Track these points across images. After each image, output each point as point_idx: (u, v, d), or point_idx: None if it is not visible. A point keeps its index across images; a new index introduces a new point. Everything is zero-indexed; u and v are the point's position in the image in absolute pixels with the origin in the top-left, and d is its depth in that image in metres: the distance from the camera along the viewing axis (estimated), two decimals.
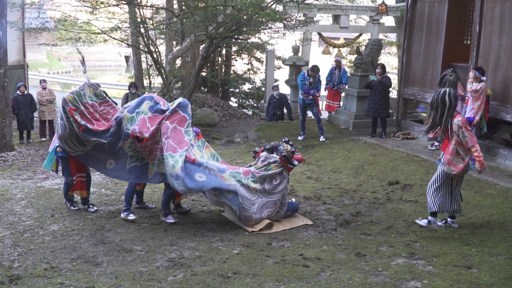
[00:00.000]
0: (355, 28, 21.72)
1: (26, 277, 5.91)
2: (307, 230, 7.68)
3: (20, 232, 7.38)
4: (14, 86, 15.67)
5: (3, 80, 12.68)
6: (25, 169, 11.44)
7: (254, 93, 23.66)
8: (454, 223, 7.65)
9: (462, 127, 6.89)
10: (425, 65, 13.09)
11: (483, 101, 10.21)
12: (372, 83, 12.94)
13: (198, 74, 16.65)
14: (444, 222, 7.69)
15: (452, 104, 6.91)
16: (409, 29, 13.61)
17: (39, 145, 14.04)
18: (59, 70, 42.77)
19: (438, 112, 7.00)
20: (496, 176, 9.55)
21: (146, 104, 7.88)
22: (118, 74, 42.98)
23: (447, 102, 6.92)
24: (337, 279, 6.01)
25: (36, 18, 27.74)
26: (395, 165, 10.65)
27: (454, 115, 6.98)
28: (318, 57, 23.04)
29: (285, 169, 7.97)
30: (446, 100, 6.92)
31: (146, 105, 7.87)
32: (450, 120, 6.97)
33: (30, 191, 9.55)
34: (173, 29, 18.71)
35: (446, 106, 6.93)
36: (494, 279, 5.98)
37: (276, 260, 6.54)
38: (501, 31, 10.65)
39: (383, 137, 13.03)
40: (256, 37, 23.28)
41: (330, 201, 9.07)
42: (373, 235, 7.52)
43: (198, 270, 6.21)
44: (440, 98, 6.95)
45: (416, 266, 6.41)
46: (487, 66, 10.88)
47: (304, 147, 13.19)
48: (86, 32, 17.93)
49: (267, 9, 14.38)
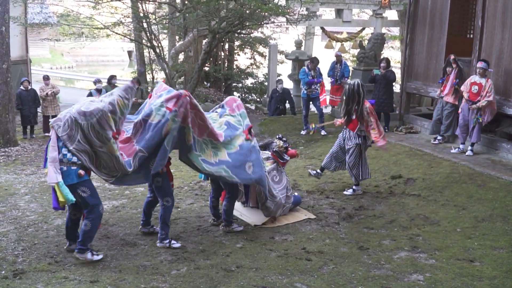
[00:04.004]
0: (358, 22, 21.66)
1: (30, 271, 5.94)
2: (310, 224, 7.70)
3: (24, 227, 7.42)
4: (17, 81, 15.70)
5: (6, 75, 12.70)
6: (28, 164, 11.48)
7: (257, 88, 23.64)
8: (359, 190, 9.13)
9: (369, 113, 8.76)
10: (428, 59, 13.07)
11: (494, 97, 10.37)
12: (376, 77, 12.93)
13: (200, 68, 16.67)
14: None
15: (364, 94, 8.73)
16: (412, 23, 13.58)
17: (42, 140, 14.07)
18: (62, 65, 42.78)
19: (354, 101, 8.68)
20: (498, 169, 9.55)
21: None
22: (121, 69, 42.95)
23: (361, 93, 8.67)
24: (339, 272, 6.03)
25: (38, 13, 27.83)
26: (398, 159, 10.66)
27: (364, 102, 8.76)
28: (321, 52, 22.98)
29: (278, 164, 7.99)
30: (360, 91, 8.65)
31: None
32: (362, 106, 8.70)
33: (34, 186, 9.59)
34: (175, 24, 18.73)
35: (361, 96, 8.67)
36: (496, 272, 6.00)
37: (279, 254, 6.56)
38: (504, 25, 10.62)
39: (386, 131, 13.01)
40: (258, 32, 23.25)
41: (333, 195, 9.08)
42: (376, 228, 7.54)
43: (201, 263, 6.24)
44: (356, 90, 8.64)
45: (419, 259, 6.43)
46: (490, 60, 10.85)
47: (306, 142, 13.21)
48: (89, 27, 17.94)
49: (269, 3, 14.39)
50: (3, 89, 12.67)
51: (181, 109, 6.49)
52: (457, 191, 8.81)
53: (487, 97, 10.22)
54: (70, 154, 6.03)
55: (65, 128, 6.01)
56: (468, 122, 10.62)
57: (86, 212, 6.26)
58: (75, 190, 6.07)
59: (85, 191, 6.16)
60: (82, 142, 6.02)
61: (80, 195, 6.12)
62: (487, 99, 10.22)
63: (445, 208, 8.22)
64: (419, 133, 12.97)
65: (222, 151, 6.98)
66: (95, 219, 6.27)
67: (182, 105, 6.50)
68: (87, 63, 47.15)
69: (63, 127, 6.03)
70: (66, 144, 6.01)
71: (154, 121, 6.43)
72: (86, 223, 6.23)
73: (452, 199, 8.55)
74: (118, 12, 18.84)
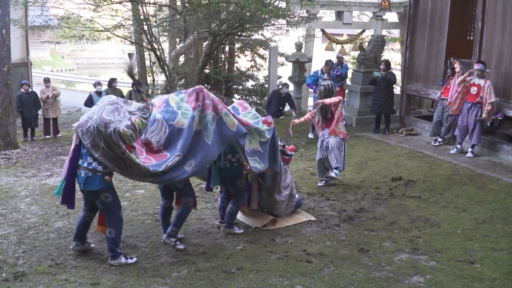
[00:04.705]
0: (358, 25, 21.69)
1: (31, 273, 5.95)
2: (311, 226, 7.70)
3: (24, 229, 7.42)
4: (17, 84, 15.71)
5: (6, 78, 12.70)
6: (29, 166, 11.48)
7: (257, 90, 23.61)
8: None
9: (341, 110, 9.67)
10: (428, 61, 13.08)
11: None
12: (377, 79, 12.94)
13: (201, 71, 16.69)
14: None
15: (336, 92, 9.81)
16: (412, 25, 13.60)
17: (43, 142, 14.07)
18: (63, 68, 42.84)
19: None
20: (499, 171, 9.55)
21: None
22: (122, 71, 42.96)
23: (335, 92, 9.63)
24: (340, 274, 6.04)
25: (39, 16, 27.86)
26: (398, 161, 10.66)
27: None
28: (321, 54, 22.99)
29: (283, 161, 8.00)
30: (334, 90, 9.59)
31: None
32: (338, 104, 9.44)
33: (35, 189, 9.59)
34: (176, 26, 18.74)
35: (334, 94, 9.58)
36: (497, 274, 6.00)
37: (280, 256, 6.56)
38: (504, 27, 10.64)
39: (386, 133, 13.04)
40: (259, 34, 23.24)
41: (334, 197, 9.09)
42: (376, 230, 7.54)
43: (202, 266, 6.24)
44: (331, 89, 9.53)
45: (419, 261, 6.43)
46: (490, 62, 10.88)
47: (307, 144, 13.21)
48: (90, 29, 17.94)
49: (270, 6, 14.41)
50: (3, 92, 12.67)
51: (205, 101, 6.48)
52: (458, 193, 8.81)
53: (489, 98, 10.23)
54: (96, 162, 5.92)
55: (89, 135, 5.88)
56: (468, 124, 10.63)
57: (107, 220, 6.20)
58: (98, 195, 6.02)
59: (108, 196, 6.09)
60: (106, 149, 5.87)
61: (102, 201, 6.07)
62: (490, 101, 10.23)
63: (446, 210, 8.22)
64: (419, 135, 12.98)
65: (255, 138, 7.05)
66: (118, 225, 6.25)
67: (204, 97, 6.50)
68: (88, 66, 47.25)
69: (86, 134, 5.90)
70: (91, 152, 5.89)
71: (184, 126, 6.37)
72: (110, 230, 6.19)
73: (452, 201, 8.55)
74: (119, 15, 18.88)
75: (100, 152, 5.89)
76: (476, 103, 10.48)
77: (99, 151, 5.88)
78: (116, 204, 6.23)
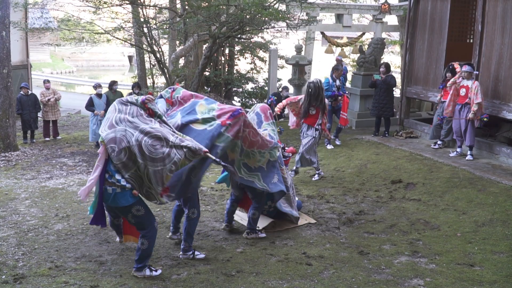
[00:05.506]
0: (358, 27, 21.69)
1: (30, 276, 5.94)
2: (310, 229, 7.70)
3: (24, 231, 7.42)
4: (17, 86, 15.72)
5: (6, 80, 12.71)
6: (29, 168, 11.48)
7: (257, 93, 23.63)
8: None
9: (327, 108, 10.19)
10: (428, 64, 13.10)
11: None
12: (377, 82, 12.94)
13: (201, 73, 16.69)
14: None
15: (323, 89, 9.98)
16: (412, 28, 13.62)
17: (43, 145, 14.08)
18: (63, 70, 42.87)
19: (318, 97, 9.75)
20: (498, 174, 9.56)
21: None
22: (122, 74, 43.03)
23: (323, 89, 9.85)
24: (340, 277, 6.03)
25: (39, 18, 27.87)
26: (398, 164, 10.66)
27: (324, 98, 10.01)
28: (321, 56, 23.01)
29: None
30: (322, 87, 9.81)
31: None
32: (324, 101, 9.90)
33: (34, 191, 9.59)
34: (176, 29, 18.76)
35: (323, 91, 9.88)
36: (497, 277, 6.00)
37: (280, 259, 6.56)
38: (504, 29, 10.65)
39: (386, 136, 13.05)
40: (259, 37, 23.29)
41: (333, 200, 9.09)
42: (376, 233, 7.54)
43: (201, 268, 6.24)
44: (319, 87, 9.71)
45: (419, 264, 6.43)
46: (490, 65, 10.90)
47: None
48: (89, 32, 17.95)
49: (270, 9, 14.41)
50: (3, 94, 12.68)
51: (235, 127, 6.36)
52: (457, 195, 8.82)
53: (476, 99, 10.27)
54: (124, 180, 5.67)
55: (121, 157, 5.59)
56: (460, 126, 10.70)
57: (142, 232, 5.97)
58: (130, 210, 5.79)
59: (140, 209, 5.83)
60: (138, 171, 5.70)
61: (134, 215, 5.83)
62: (476, 101, 10.28)
63: (445, 213, 8.22)
64: (419, 137, 12.99)
65: (265, 158, 7.02)
66: (152, 237, 6.00)
67: (236, 122, 6.38)
68: (88, 68, 47.31)
69: (118, 155, 5.58)
70: (121, 171, 5.65)
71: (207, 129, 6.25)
72: (143, 241, 5.94)
73: (452, 203, 8.56)
74: (119, 17, 18.88)
75: (130, 173, 5.68)
76: (465, 104, 10.60)
77: (130, 172, 5.68)
78: (149, 216, 5.98)
